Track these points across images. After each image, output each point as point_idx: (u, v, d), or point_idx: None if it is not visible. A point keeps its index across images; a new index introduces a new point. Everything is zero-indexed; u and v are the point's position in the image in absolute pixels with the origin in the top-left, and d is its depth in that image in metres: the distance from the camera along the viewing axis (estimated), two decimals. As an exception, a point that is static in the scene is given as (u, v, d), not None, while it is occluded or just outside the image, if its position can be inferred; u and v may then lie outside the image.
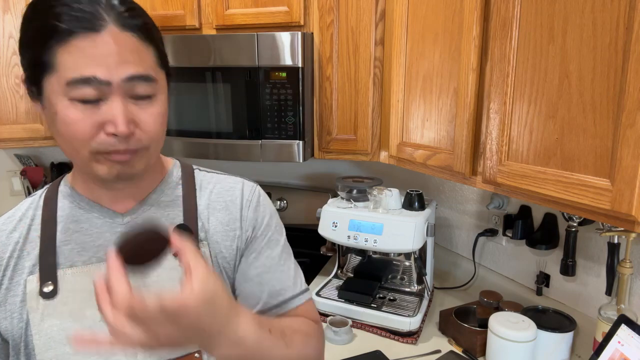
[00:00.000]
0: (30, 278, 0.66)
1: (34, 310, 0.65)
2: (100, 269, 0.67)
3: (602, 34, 0.75)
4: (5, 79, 1.72)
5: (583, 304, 1.30)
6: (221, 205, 0.77)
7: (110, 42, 0.58)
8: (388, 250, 1.39)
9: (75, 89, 0.58)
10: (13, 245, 0.68)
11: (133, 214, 0.71)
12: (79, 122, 0.59)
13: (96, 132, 0.60)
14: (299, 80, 1.46)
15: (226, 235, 0.76)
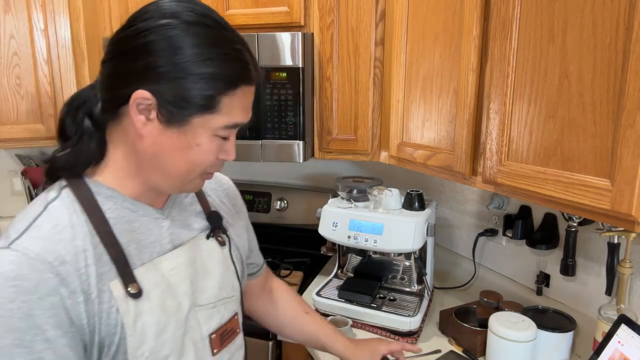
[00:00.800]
0: (114, 283, 0.65)
1: (126, 313, 0.66)
2: (162, 262, 0.73)
3: (602, 34, 0.75)
4: (6, 79, 1.73)
5: (583, 304, 1.30)
6: (223, 194, 0.92)
7: (253, 93, 0.71)
8: (388, 250, 1.39)
9: (225, 130, 0.68)
10: (83, 253, 0.64)
11: (168, 208, 0.79)
12: (213, 152, 0.69)
13: (215, 159, 0.71)
14: (299, 80, 1.46)
15: (234, 218, 0.92)
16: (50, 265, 0.60)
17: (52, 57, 1.78)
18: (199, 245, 0.80)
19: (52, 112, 1.81)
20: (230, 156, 0.72)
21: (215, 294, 0.80)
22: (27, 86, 1.76)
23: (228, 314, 0.83)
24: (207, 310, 0.79)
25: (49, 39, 1.76)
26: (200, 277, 0.78)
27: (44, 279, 0.59)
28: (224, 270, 0.83)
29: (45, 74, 1.78)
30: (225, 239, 0.85)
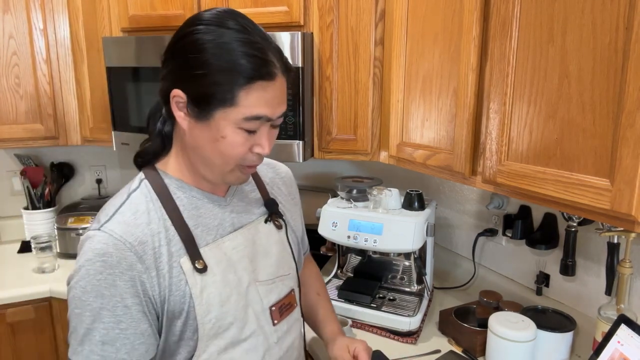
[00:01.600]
0: (184, 260, 0.77)
1: (194, 285, 0.77)
2: (224, 242, 0.84)
3: (602, 34, 0.75)
4: (6, 79, 1.73)
5: (583, 304, 1.30)
6: (281, 181, 1.03)
7: (278, 88, 0.74)
8: (388, 250, 1.39)
9: (247, 123, 0.73)
10: (157, 235, 0.76)
11: (230, 196, 0.89)
12: (240, 145, 0.75)
13: (247, 153, 0.77)
14: (298, 80, 1.46)
15: (291, 203, 1.03)
16: (131, 245, 0.73)
17: (51, 56, 1.78)
18: (257, 228, 0.90)
19: (51, 111, 1.81)
20: (264, 150, 0.77)
21: (273, 271, 0.90)
22: (26, 86, 1.76)
23: (286, 290, 0.93)
24: (267, 286, 0.88)
25: (48, 38, 1.76)
26: (259, 256, 0.88)
27: (125, 256, 0.72)
28: (281, 250, 0.93)
29: (44, 74, 1.78)
30: (281, 222, 0.95)
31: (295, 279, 0.97)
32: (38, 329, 1.68)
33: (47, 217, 2.00)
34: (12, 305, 1.63)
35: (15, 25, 1.71)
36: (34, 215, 1.99)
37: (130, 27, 1.67)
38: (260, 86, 0.71)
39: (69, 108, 1.83)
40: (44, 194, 2.02)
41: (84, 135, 1.86)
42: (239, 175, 0.81)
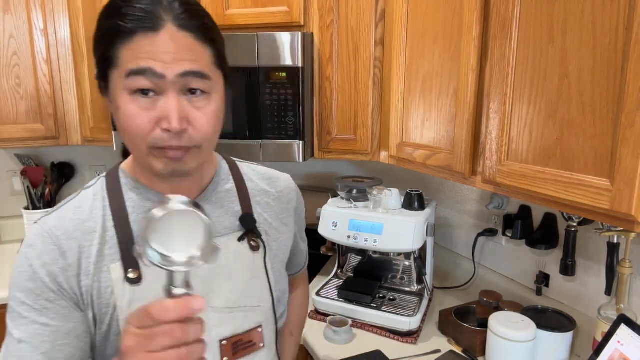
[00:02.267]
0: (114, 266, 0.70)
1: (121, 296, 0.69)
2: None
3: (602, 34, 0.75)
4: (6, 79, 1.73)
5: (583, 304, 1.30)
6: (275, 196, 0.88)
7: (167, 40, 0.61)
8: (388, 250, 1.39)
9: (132, 80, 0.61)
10: (92, 234, 0.70)
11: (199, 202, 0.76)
12: (137, 116, 0.63)
13: (153, 128, 0.63)
14: (299, 80, 1.46)
15: (281, 223, 0.88)
16: (57, 238, 0.69)
17: (51, 56, 1.78)
18: (226, 246, 0.77)
19: (52, 111, 1.81)
20: (169, 123, 0.62)
21: (235, 298, 0.77)
22: (27, 86, 1.76)
23: (248, 324, 0.78)
24: (222, 314, 0.75)
25: (48, 38, 1.76)
26: (219, 278, 0.76)
27: (48, 250, 0.68)
28: (251, 277, 0.79)
29: (44, 74, 1.78)
30: (259, 244, 0.81)
31: (268, 314, 0.81)
32: (38, 328, 1.68)
33: (47, 217, 2.00)
34: (12, 305, 1.63)
35: (16, 25, 1.71)
36: (35, 215, 1.99)
37: (130, 27, 1.67)
38: (142, 38, 0.61)
39: (70, 108, 1.84)
40: (44, 194, 2.02)
41: (85, 135, 1.86)
42: (156, 163, 0.66)
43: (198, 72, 0.63)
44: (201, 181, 0.79)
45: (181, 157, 0.65)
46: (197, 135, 0.65)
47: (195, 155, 0.67)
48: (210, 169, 0.81)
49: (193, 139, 0.65)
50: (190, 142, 0.65)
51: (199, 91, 0.65)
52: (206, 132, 0.66)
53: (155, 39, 0.61)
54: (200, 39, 0.64)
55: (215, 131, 0.69)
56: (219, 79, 0.69)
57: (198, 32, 0.64)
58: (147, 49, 0.61)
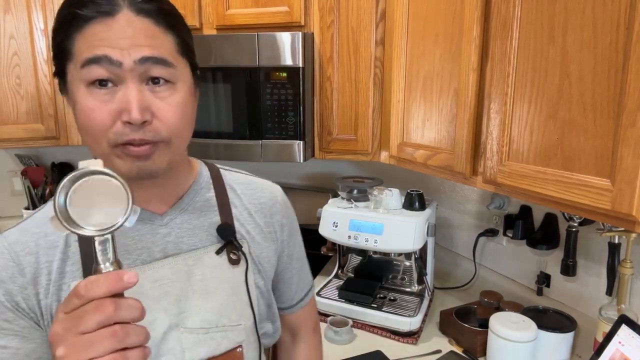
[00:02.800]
0: (74, 284, 0.63)
1: None
2: (144, 272, 0.66)
3: (603, 34, 0.75)
4: (6, 79, 1.73)
5: (583, 304, 1.30)
6: (257, 207, 0.80)
7: (124, 25, 0.57)
8: (388, 250, 1.39)
9: (88, 70, 0.57)
10: (54, 249, 0.65)
11: (172, 215, 0.71)
12: (95, 109, 0.58)
13: (113, 122, 0.58)
14: (299, 80, 1.46)
15: (265, 237, 0.80)
16: (15, 254, 0.64)
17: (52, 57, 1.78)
18: (202, 260, 0.71)
19: (52, 112, 1.81)
20: (129, 113, 0.57)
21: (212, 319, 0.70)
22: (27, 86, 1.76)
23: (226, 345, 0.71)
24: (197, 335, 0.69)
25: (49, 38, 1.76)
26: (193, 296, 0.69)
27: (6, 266, 0.64)
28: (231, 294, 0.72)
29: (45, 74, 1.78)
30: (240, 257, 0.74)
31: (249, 332, 0.75)
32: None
33: (47, 217, 2.00)
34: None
35: (16, 25, 1.71)
36: (35, 215, 1.99)
37: (131, 27, 1.67)
38: (96, 26, 0.57)
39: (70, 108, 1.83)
40: (44, 194, 2.02)
41: (85, 136, 1.86)
42: (120, 164, 0.60)
43: (158, 58, 0.59)
44: (177, 188, 0.73)
45: (147, 153, 0.59)
46: (162, 128, 0.60)
47: (163, 151, 0.61)
48: (188, 176, 0.75)
49: (158, 132, 0.59)
50: (156, 135, 0.59)
51: (162, 80, 0.60)
52: (172, 123, 0.60)
53: (111, 24, 0.56)
54: (161, 24, 0.60)
55: (184, 125, 0.63)
56: (184, 67, 0.64)
57: (158, 17, 0.60)
58: (101, 35, 0.56)
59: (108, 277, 0.44)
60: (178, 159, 0.67)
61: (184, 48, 0.64)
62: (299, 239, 0.88)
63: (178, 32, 0.63)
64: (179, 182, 0.73)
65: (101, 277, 0.44)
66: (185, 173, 0.74)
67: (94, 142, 0.60)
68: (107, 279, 0.44)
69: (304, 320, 0.93)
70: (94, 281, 0.44)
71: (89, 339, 0.43)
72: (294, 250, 0.86)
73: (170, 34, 0.62)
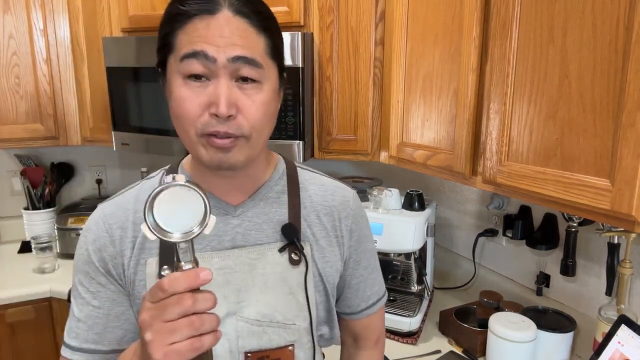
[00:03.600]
0: (150, 261, 0.71)
1: None
2: (212, 258, 0.71)
3: (602, 34, 0.75)
4: (6, 79, 1.73)
5: (583, 304, 1.30)
6: (326, 210, 0.80)
7: (222, 24, 0.61)
8: (388, 250, 1.39)
9: (185, 64, 0.61)
10: (139, 226, 0.70)
11: (244, 207, 0.74)
12: (188, 100, 0.62)
13: (202, 113, 0.62)
14: (299, 80, 1.46)
15: (330, 241, 0.79)
16: (109, 226, 0.71)
17: (51, 56, 1.78)
18: (265, 255, 0.73)
19: (51, 111, 1.81)
20: (217, 107, 0.61)
21: (267, 313, 0.73)
22: (27, 86, 1.76)
23: (278, 341, 0.74)
24: (251, 326, 0.72)
25: (48, 38, 1.76)
26: (253, 288, 0.72)
27: (100, 236, 0.71)
28: (287, 293, 0.74)
29: (44, 74, 1.77)
30: (301, 258, 0.75)
31: (303, 333, 0.75)
32: (38, 329, 1.68)
33: (47, 217, 2.00)
34: (12, 305, 1.63)
35: (16, 25, 1.71)
36: (34, 215, 1.99)
37: (130, 27, 1.67)
38: (197, 22, 0.62)
39: (69, 108, 1.83)
40: (44, 194, 2.02)
41: (84, 136, 1.86)
42: (203, 153, 0.64)
43: (249, 59, 0.62)
44: (255, 181, 0.75)
45: (228, 146, 0.64)
46: (245, 124, 0.63)
47: (243, 146, 0.65)
48: (265, 171, 0.77)
49: (241, 127, 0.63)
50: (238, 130, 0.63)
51: (250, 80, 0.64)
52: (254, 120, 0.64)
53: (210, 22, 0.61)
54: (255, 25, 0.64)
55: (265, 123, 0.67)
56: (272, 69, 0.67)
57: (253, 19, 0.63)
58: (201, 32, 0.61)
59: (188, 275, 0.51)
60: (257, 154, 0.70)
61: (274, 51, 0.67)
62: (370, 246, 0.87)
63: (271, 34, 0.67)
64: (256, 176, 0.76)
65: (181, 275, 0.51)
66: (262, 168, 0.77)
67: (183, 131, 0.65)
68: (187, 277, 0.51)
69: (367, 330, 0.91)
70: (176, 278, 0.51)
71: (171, 326, 0.50)
72: (362, 257, 0.85)
73: (264, 36, 0.65)
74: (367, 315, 0.88)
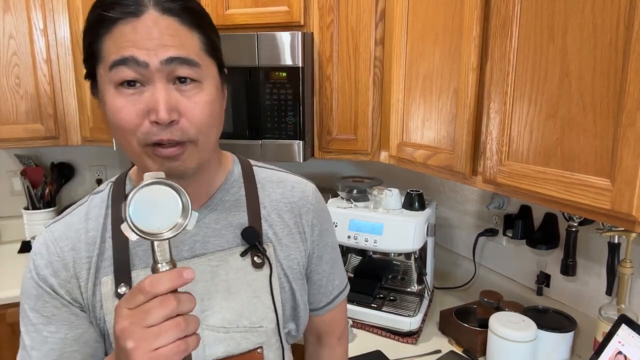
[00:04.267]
0: (105, 279, 0.67)
1: (109, 312, 0.67)
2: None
3: (602, 33, 0.75)
4: (6, 79, 1.72)
5: (583, 304, 1.30)
6: (287, 207, 0.78)
7: (150, 26, 0.57)
8: (388, 250, 1.39)
9: (115, 72, 0.57)
10: (93, 245, 0.68)
11: (201, 215, 0.71)
12: (124, 109, 0.58)
13: (141, 121, 0.58)
14: (299, 80, 1.46)
15: (294, 238, 0.77)
16: (61, 249, 0.68)
17: (51, 56, 1.78)
18: (227, 261, 0.71)
19: (52, 112, 1.81)
20: (157, 113, 0.57)
21: (232, 319, 0.71)
22: (27, 86, 1.76)
23: (246, 345, 0.72)
24: (217, 334, 0.71)
25: (48, 38, 1.76)
26: (216, 296, 0.70)
27: (52, 261, 0.68)
28: (252, 297, 0.72)
29: (44, 74, 1.77)
30: (265, 261, 0.73)
31: (271, 334, 0.75)
32: (38, 329, 1.68)
33: (47, 217, 2.00)
34: (12, 305, 1.63)
35: (16, 25, 1.71)
36: (34, 215, 1.99)
37: (130, 27, 1.67)
38: (123, 26, 0.57)
39: (69, 108, 1.83)
40: (44, 194, 2.02)
41: (84, 135, 1.86)
42: (151, 164, 0.61)
43: (185, 58, 0.59)
44: (208, 186, 0.73)
45: (176, 154, 0.60)
46: (190, 127, 0.60)
47: (192, 152, 0.61)
48: (219, 174, 0.75)
49: (186, 132, 0.59)
50: (183, 135, 0.59)
51: (188, 80, 0.60)
52: (199, 123, 0.60)
53: (136, 25, 0.57)
54: (186, 23, 0.60)
55: (211, 124, 0.63)
56: (210, 66, 0.64)
57: (183, 16, 0.60)
58: (128, 37, 0.57)
59: (171, 275, 0.50)
60: (207, 157, 0.67)
61: (210, 47, 0.64)
62: (331, 239, 0.85)
63: (204, 30, 0.63)
64: (209, 181, 0.73)
65: (164, 275, 0.50)
66: (215, 171, 0.74)
67: (125, 142, 0.61)
68: (170, 276, 0.50)
69: (330, 326, 0.91)
70: (158, 279, 0.49)
71: (156, 330, 0.49)
72: (324, 251, 0.83)
73: (197, 32, 0.61)
74: (329, 310, 0.88)
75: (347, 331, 0.95)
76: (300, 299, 0.79)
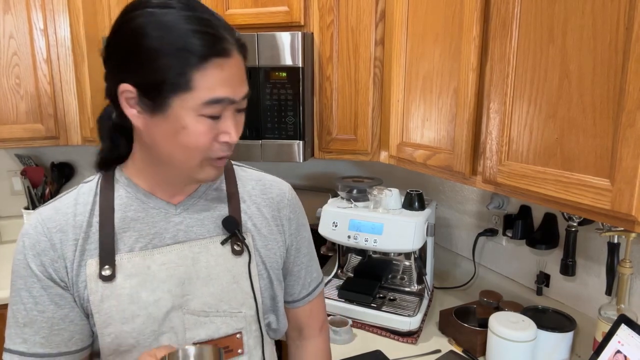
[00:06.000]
0: (90, 262, 0.72)
1: (93, 292, 0.72)
2: (153, 255, 0.74)
3: (602, 34, 0.75)
4: (6, 79, 1.73)
5: (583, 304, 1.30)
6: (265, 202, 0.85)
7: (234, 66, 0.67)
8: (388, 250, 1.39)
9: (209, 108, 0.65)
10: (79, 228, 0.73)
11: (185, 205, 0.78)
12: (204, 134, 0.67)
13: (212, 142, 0.68)
14: (299, 80, 1.46)
15: (272, 230, 0.84)
16: (48, 230, 0.72)
17: (51, 56, 1.78)
18: (207, 248, 0.77)
19: (52, 111, 1.81)
20: (231, 137, 0.69)
21: (212, 303, 0.76)
22: (27, 86, 1.76)
23: (225, 330, 0.78)
24: (197, 317, 0.76)
25: (48, 38, 1.76)
26: (197, 281, 0.75)
27: (39, 240, 0.72)
28: (231, 282, 0.77)
29: (44, 74, 1.77)
30: (243, 248, 0.79)
31: (250, 320, 0.79)
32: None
33: (47, 217, 2.00)
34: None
35: (16, 25, 1.71)
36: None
37: (130, 27, 1.67)
38: (216, 65, 0.64)
39: (70, 108, 1.84)
40: (44, 194, 2.02)
41: (85, 135, 1.86)
42: (210, 171, 0.72)
43: (248, 93, 0.71)
44: (192, 184, 0.80)
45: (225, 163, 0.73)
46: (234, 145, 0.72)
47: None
48: None
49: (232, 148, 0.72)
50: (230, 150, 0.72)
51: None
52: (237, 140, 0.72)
53: (225, 65, 0.65)
54: (244, 59, 0.70)
55: None
56: None
57: (245, 53, 0.70)
58: (220, 76, 0.65)
59: None
60: None
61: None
62: (307, 234, 0.92)
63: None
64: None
65: None
66: None
67: (189, 157, 0.69)
68: None
69: (310, 318, 0.95)
70: None
71: None
72: (302, 244, 0.89)
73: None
74: (308, 302, 0.93)
75: (327, 323, 1.00)
76: (278, 287, 0.85)
